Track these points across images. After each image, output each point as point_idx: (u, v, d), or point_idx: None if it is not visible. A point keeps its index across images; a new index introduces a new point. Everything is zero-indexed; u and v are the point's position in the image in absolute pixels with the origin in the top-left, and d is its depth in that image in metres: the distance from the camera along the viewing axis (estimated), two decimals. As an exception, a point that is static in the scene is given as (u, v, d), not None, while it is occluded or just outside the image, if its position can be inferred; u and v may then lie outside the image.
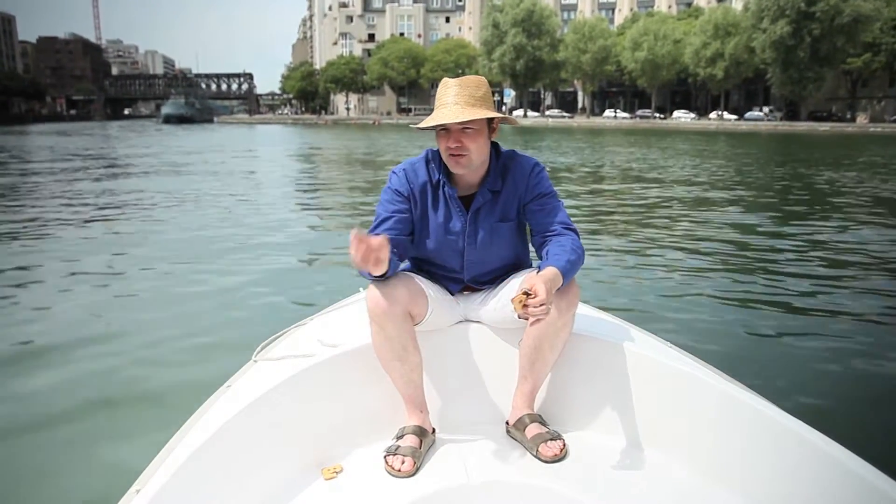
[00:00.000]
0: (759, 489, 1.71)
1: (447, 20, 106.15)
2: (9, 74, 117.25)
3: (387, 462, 1.92)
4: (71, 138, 43.46)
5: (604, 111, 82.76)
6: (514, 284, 2.08)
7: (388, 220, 2.06)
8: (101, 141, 39.93)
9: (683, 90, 78.66)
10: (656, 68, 67.99)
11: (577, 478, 1.87)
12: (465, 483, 1.85)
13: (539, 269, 1.93)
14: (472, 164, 2.03)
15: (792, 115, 65.32)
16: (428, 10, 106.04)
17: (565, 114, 79.95)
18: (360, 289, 2.68)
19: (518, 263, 2.22)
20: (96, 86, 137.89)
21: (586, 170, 19.39)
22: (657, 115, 74.00)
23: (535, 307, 1.73)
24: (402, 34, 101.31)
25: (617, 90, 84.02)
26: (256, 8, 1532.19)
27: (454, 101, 1.96)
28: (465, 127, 1.96)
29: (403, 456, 1.91)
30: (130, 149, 31.23)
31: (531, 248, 2.23)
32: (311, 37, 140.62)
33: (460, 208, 2.11)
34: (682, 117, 71.14)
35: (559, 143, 35.04)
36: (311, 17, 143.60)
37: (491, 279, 2.22)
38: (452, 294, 2.25)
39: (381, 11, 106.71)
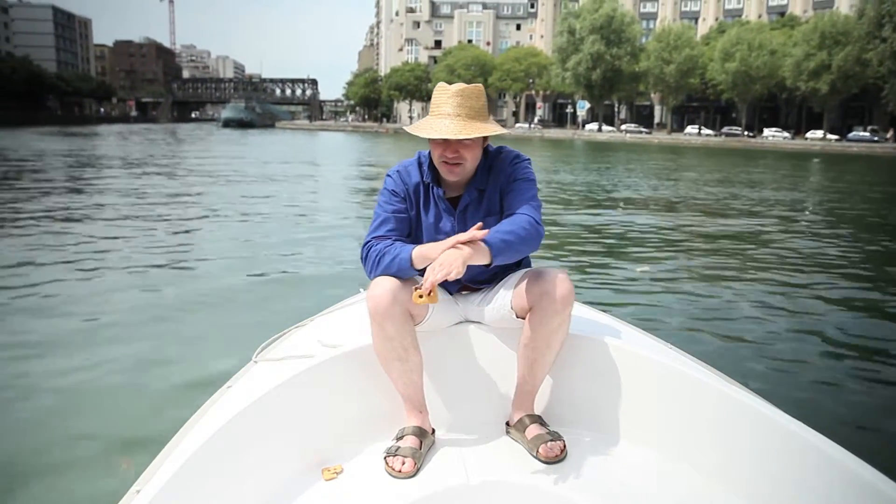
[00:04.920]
0: (759, 490, 1.70)
1: (518, 27, 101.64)
2: (81, 76, 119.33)
3: (387, 463, 1.91)
4: (88, 140, 42.39)
5: (683, 128, 76.35)
6: (513, 283, 2.07)
7: (389, 220, 2.08)
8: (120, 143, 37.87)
9: (772, 106, 71.67)
10: (749, 81, 61.41)
11: (577, 479, 1.87)
12: (465, 483, 1.85)
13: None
14: (466, 173, 2.07)
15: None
16: (498, 17, 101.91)
17: (643, 129, 73.77)
18: (361, 289, 2.71)
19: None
20: (165, 88, 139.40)
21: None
22: (746, 132, 67.45)
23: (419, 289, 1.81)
24: (469, 41, 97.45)
25: (697, 105, 77.64)
26: (327, 16, 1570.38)
27: (455, 113, 1.97)
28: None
29: (403, 457, 1.90)
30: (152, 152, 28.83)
31: None
32: (378, 43, 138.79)
33: (448, 209, 2.13)
34: (774, 136, 64.28)
35: (676, 162, 30.05)
36: (378, 23, 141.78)
37: (488, 278, 2.18)
38: (451, 294, 2.23)
39: (450, 17, 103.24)
